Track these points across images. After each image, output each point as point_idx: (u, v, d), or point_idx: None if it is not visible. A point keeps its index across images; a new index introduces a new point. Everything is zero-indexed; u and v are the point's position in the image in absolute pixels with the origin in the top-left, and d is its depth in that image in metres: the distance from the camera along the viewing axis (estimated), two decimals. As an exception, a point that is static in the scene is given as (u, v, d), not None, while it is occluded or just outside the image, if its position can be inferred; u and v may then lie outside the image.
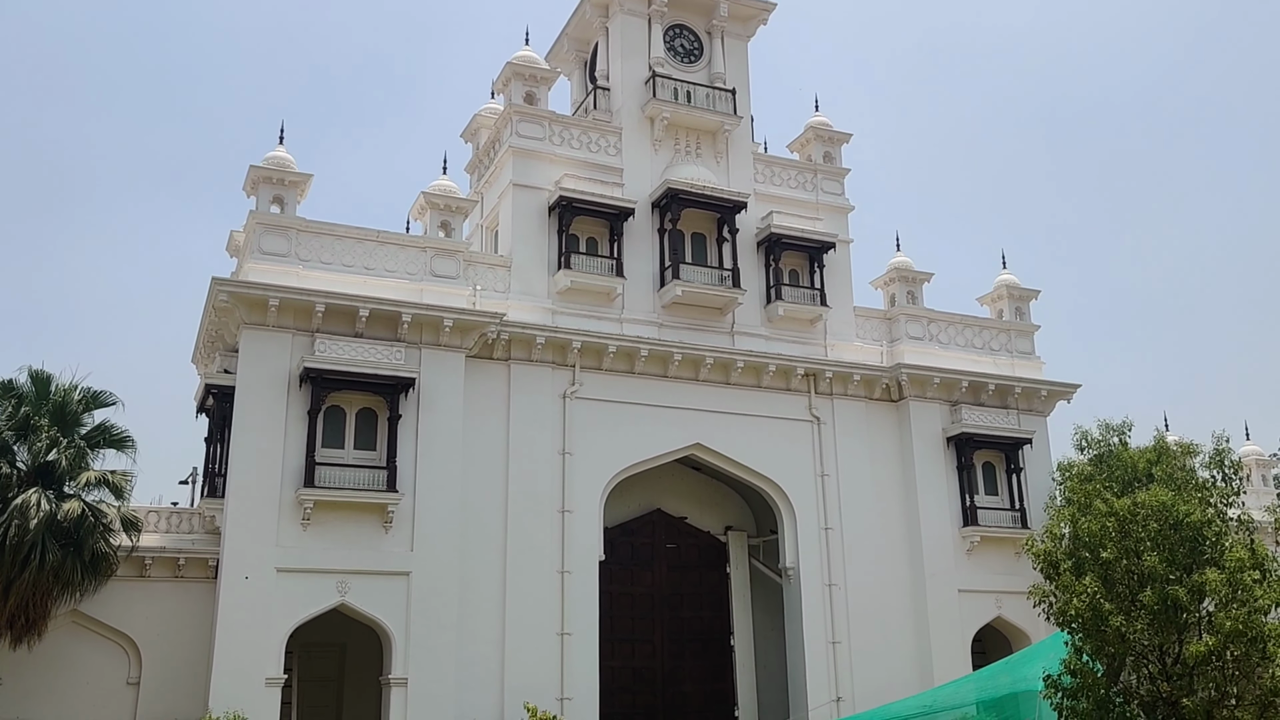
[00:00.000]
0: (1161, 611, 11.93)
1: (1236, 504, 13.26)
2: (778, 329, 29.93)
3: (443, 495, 24.67)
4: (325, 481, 23.67)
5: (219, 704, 21.30)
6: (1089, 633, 12.33)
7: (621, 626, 28.31)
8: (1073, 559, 12.79)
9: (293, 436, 23.79)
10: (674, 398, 28.15)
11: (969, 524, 29.74)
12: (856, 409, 30.25)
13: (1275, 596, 12.20)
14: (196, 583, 23.89)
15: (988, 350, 32.33)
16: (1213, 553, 12.25)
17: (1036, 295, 33.84)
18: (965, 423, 30.25)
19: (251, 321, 24.19)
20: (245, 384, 23.94)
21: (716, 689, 29.37)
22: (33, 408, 22.86)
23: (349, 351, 24.44)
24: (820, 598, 28.20)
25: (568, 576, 25.81)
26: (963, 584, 29.33)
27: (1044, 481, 30.79)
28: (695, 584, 30.13)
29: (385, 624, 23.65)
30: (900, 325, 31.52)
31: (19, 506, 21.14)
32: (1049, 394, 31.91)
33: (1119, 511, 12.49)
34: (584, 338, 27.15)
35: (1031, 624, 28.42)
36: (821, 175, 32.18)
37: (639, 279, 28.78)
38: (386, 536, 24.03)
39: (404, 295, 25.61)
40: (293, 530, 23.33)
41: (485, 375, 26.37)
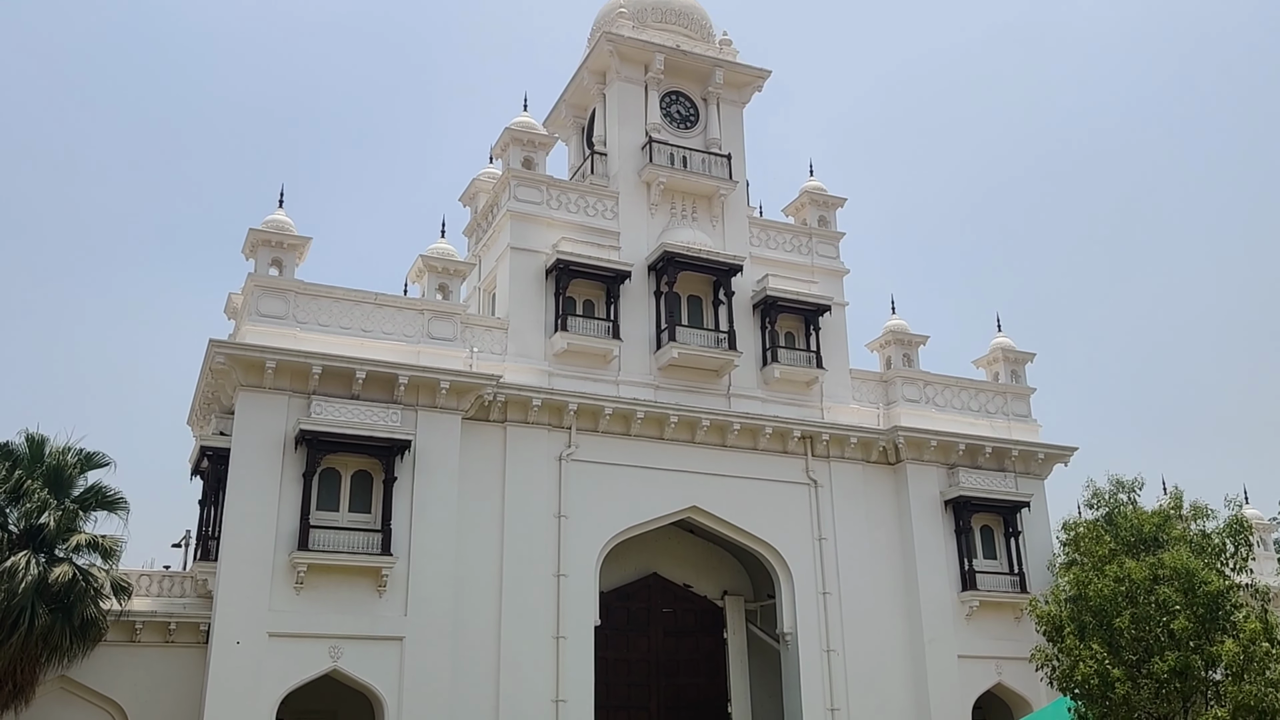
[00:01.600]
0: (1170, 680, 11.77)
1: (1247, 571, 13.16)
2: (774, 391, 29.96)
3: (437, 559, 24.45)
4: (319, 545, 23.46)
5: (207, 774, 20.86)
6: (1094, 699, 12.15)
7: (617, 693, 27.88)
8: (1076, 622, 12.65)
9: (287, 499, 23.64)
10: (670, 460, 28.07)
11: (968, 588, 29.50)
12: (853, 472, 30.16)
13: (1287, 668, 12.07)
14: (187, 648, 23.54)
15: (984, 413, 32.36)
16: (1226, 622, 12.12)
17: (1032, 358, 33.98)
18: (963, 486, 30.17)
19: (248, 383, 24.17)
20: (241, 446, 23.84)
21: (714, 758, 28.84)
22: (26, 470, 22.70)
23: (345, 413, 24.39)
24: (818, 664, 27.85)
25: (563, 642, 25.49)
26: (962, 649, 28.99)
27: (1042, 545, 30.62)
28: (691, 650, 29.76)
29: (378, 690, 23.27)
30: (896, 388, 31.58)
31: (8, 570, 20.89)
32: (1046, 457, 31.88)
33: (1133, 576, 12.37)
34: (580, 399, 27.15)
35: (1032, 690, 28.06)
36: (816, 239, 32.48)
37: (635, 341, 28.87)
38: (380, 601, 23.76)
39: (401, 357, 25.65)
40: (286, 594, 23.07)
41: (481, 437, 26.30)
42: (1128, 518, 13.29)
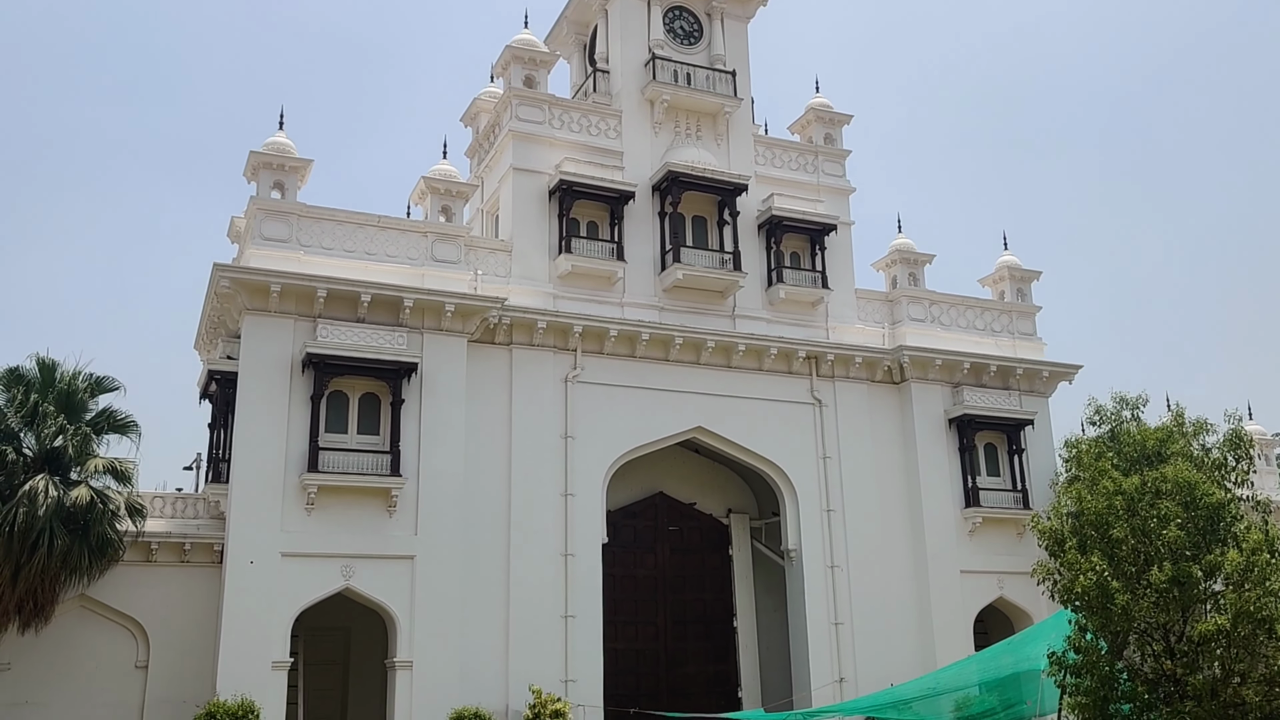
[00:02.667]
0: (1169, 590, 11.97)
1: (1248, 484, 13.31)
2: (779, 312, 29.94)
3: (446, 480, 24.73)
4: (329, 466, 23.73)
5: (226, 687, 21.43)
6: (1094, 610, 12.38)
7: (625, 609, 28.42)
8: (1078, 536, 12.85)
9: (296, 422, 23.84)
10: (675, 381, 28.19)
11: (971, 505, 29.85)
12: (858, 391, 30.30)
13: (1287, 577, 12.29)
14: (202, 567, 23.97)
15: (989, 332, 32.37)
16: (1227, 534, 12.29)
17: (1038, 276, 33.87)
18: (967, 404, 30.32)
19: (253, 307, 24.19)
20: (248, 370, 23.96)
21: (719, 670, 29.53)
22: (39, 395, 22.87)
23: (351, 337, 24.46)
24: (822, 579, 28.31)
25: (571, 560, 25.91)
26: (965, 565, 29.45)
27: (1046, 462, 30.90)
28: (698, 566, 30.25)
29: (390, 608, 23.75)
30: (902, 307, 31.54)
31: (27, 493, 21.19)
32: (1050, 375, 31.98)
33: (1127, 490, 12.51)
34: (585, 322, 27.17)
35: (1033, 604, 28.59)
36: (822, 157, 32.14)
37: (640, 263, 28.77)
38: (390, 521, 24.10)
39: (405, 280, 25.61)
40: (297, 515, 23.40)
41: (487, 360, 26.40)
42: (1131, 435, 13.38)
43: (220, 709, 20.59)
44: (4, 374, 23.00)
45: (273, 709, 21.89)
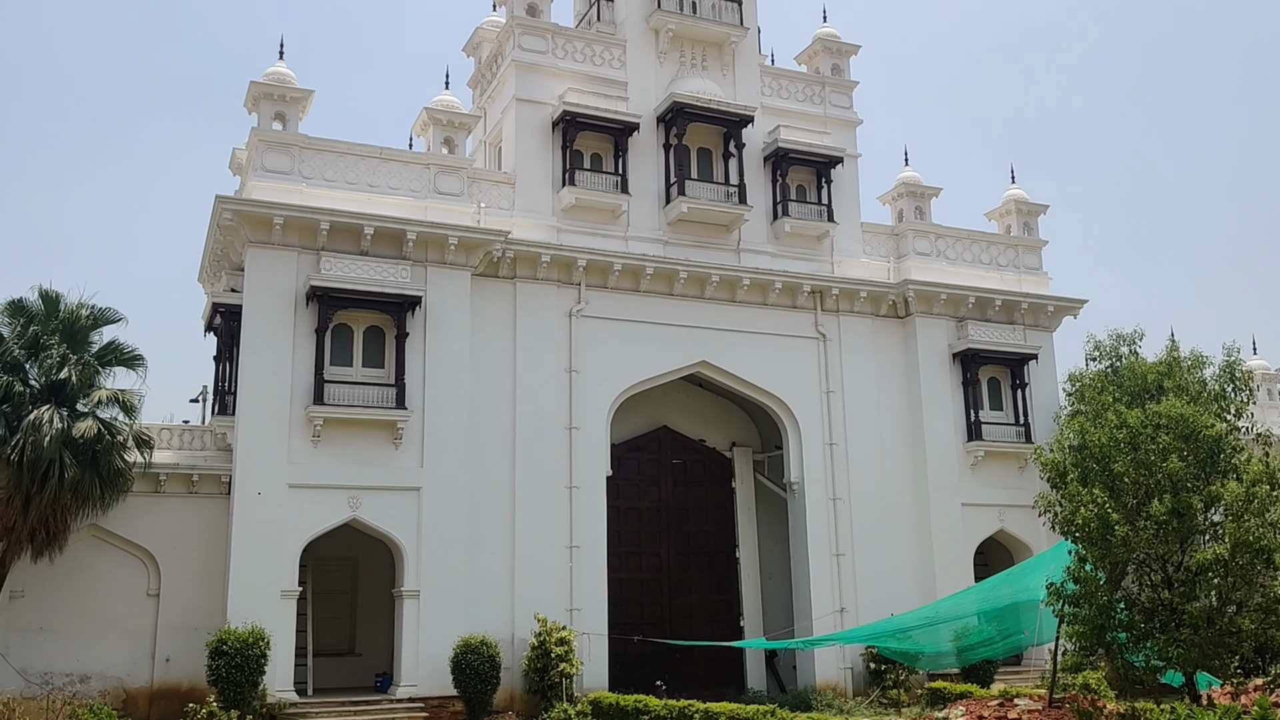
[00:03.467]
0: (1169, 521, 12.08)
1: (1247, 416, 13.36)
2: (784, 246, 29.80)
3: (451, 412, 24.87)
4: (334, 399, 23.86)
5: (237, 615, 21.79)
6: (1094, 542, 12.51)
7: (629, 540, 28.77)
8: (1079, 469, 12.93)
9: (301, 354, 23.92)
10: (679, 316, 28.18)
11: (973, 439, 30.01)
12: (863, 326, 30.28)
13: (1286, 508, 12.40)
14: (210, 498, 24.23)
15: (995, 266, 32.24)
16: (1227, 465, 12.37)
17: (1045, 210, 33.63)
18: (971, 339, 30.31)
19: (256, 240, 24.12)
20: (252, 302, 23.97)
21: (722, 600, 29.96)
22: (42, 326, 22.91)
23: (355, 270, 24.42)
24: (824, 512, 28.58)
25: (576, 492, 26.15)
26: (966, 498, 29.70)
27: (1049, 397, 30.99)
28: (701, 499, 30.53)
29: (397, 538, 24.05)
30: (908, 241, 31.38)
31: (33, 423, 21.33)
32: (1055, 309, 31.92)
33: (1131, 424, 12.56)
34: (589, 255, 27.08)
35: (1033, 536, 28.90)
36: (830, 88, 31.72)
37: (644, 196, 28.58)
38: (396, 453, 24.29)
39: (408, 213, 25.49)
40: (303, 447, 23.59)
41: (491, 293, 26.37)
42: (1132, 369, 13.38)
43: (231, 636, 20.96)
44: (7, 305, 23.01)
45: (282, 636, 22.30)
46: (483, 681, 22.70)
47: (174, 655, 23.09)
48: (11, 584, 22.21)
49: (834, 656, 27.44)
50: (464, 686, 22.76)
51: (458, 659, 22.80)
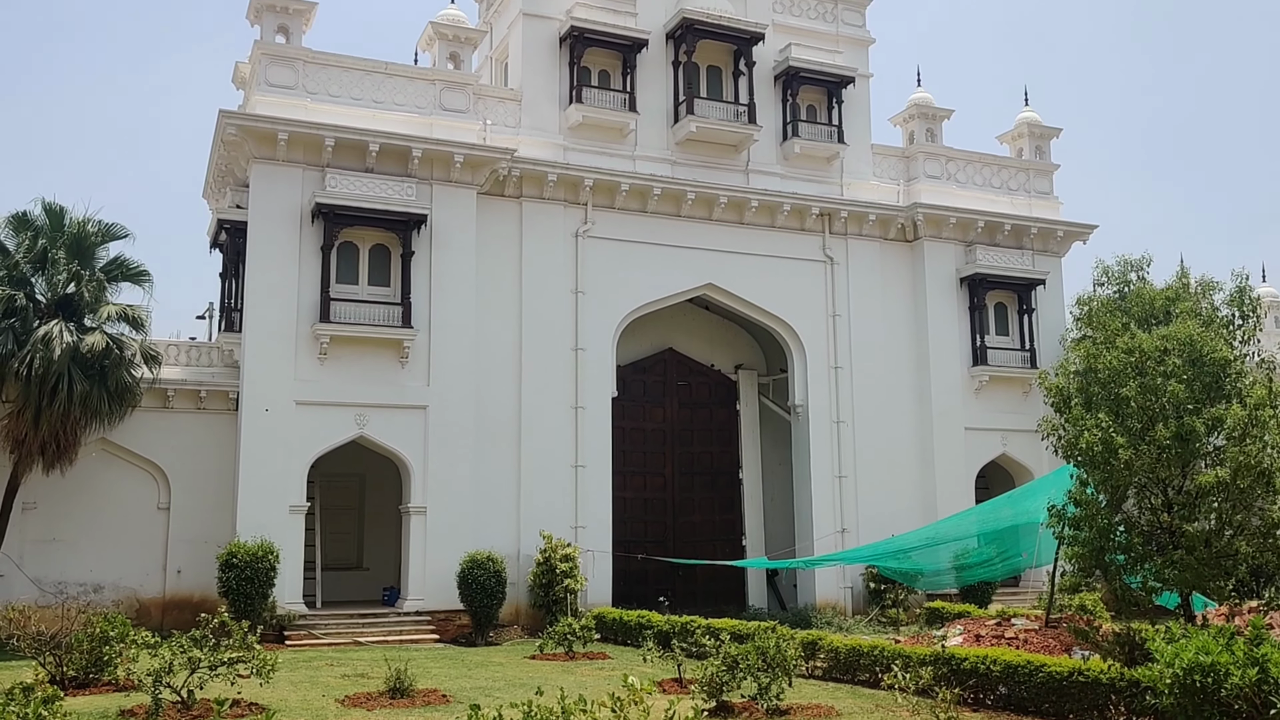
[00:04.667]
0: (1172, 445, 12.13)
1: (1254, 342, 13.33)
2: (793, 167, 29.49)
3: (457, 331, 24.91)
4: (341, 317, 23.89)
5: (246, 529, 22.13)
6: (1096, 465, 12.59)
7: (633, 460, 29.02)
8: (1084, 394, 12.96)
9: (307, 272, 23.88)
10: (687, 237, 28.02)
11: (978, 364, 30.04)
12: (871, 249, 30.11)
13: (1287, 431, 12.44)
14: (218, 414, 24.42)
15: (1005, 190, 31.92)
16: (1232, 389, 12.37)
17: (1058, 134, 33.16)
18: (979, 263, 30.15)
19: (261, 156, 23.91)
20: (257, 219, 23.87)
21: (725, 519, 30.33)
22: (49, 241, 22.83)
23: (360, 187, 24.26)
24: (828, 434, 28.76)
25: (581, 412, 26.30)
26: (969, 422, 29.84)
27: (1055, 322, 30.93)
28: (706, 420, 30.72)
29: (404, 456, 24.27)
30: (918, 164, 31.03)
31: (42, 338, 21.39)
32: (1065, 234, 31.67)
33: (1144, 348, 12.54)
34: (596, 175, 26.83)
35: (1035, 460, 29.12)
36: (842, 6, 31.06)
37: (652, 114, 28.20)
38: (403, 371, 24.39)
39: (414, 130, 25.22)
40: (310, 364, 23.69)
41: (497, 212, 26.21)
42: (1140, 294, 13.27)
43: (241, 550, 21.30)
44: (12, 218, 22.89)
45: (291, 550, 22.66)
46: (488, 596, 23.11)
47: (185, 567, 23.54)
48: (24, 496, 22.53)
49: (834, 576, 27.86)
50: (470, 601, 23.18)
51: (464, 574, 23.18)
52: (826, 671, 16.87)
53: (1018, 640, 17.22)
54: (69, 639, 15.14)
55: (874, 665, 15.70)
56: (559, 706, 8.85)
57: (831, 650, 16.80)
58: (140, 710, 12.96)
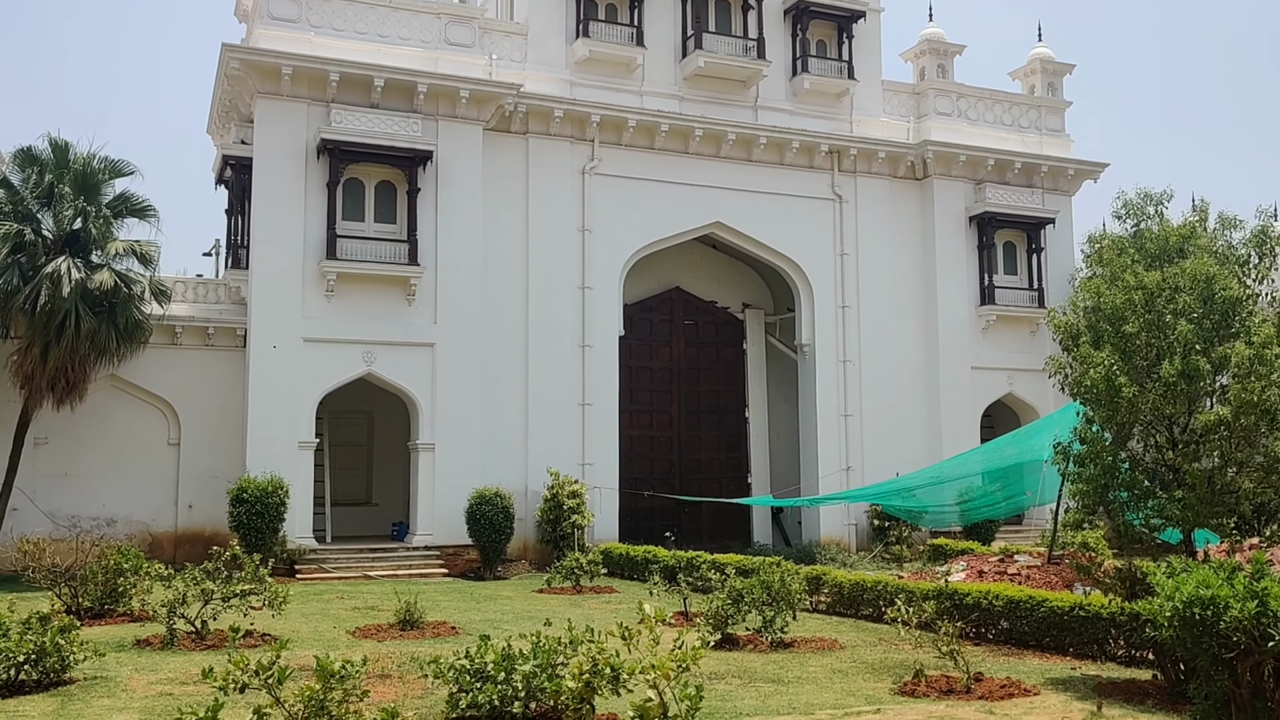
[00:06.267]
0: (1178, 383, 12.11)
1: (1269, 280, 13.24)
2: (803, 103, 29.15)
3: (464, 269, 24.87)
4: (347, 254, 23.85)
5: (256, 465, 22.33)
6: (1102, 403, 12.60)
7: (640, 398, 29.14)
8: (1093, 331, 12.92)
9: (313, 209, 23.80)
10: (694, 175, 27.81)
11: (986, 303, 29.96)
12: (880, 187, 29.88)
13: (1294, 371, 12.40)
14: (227, 351, 24.51)
15: (1016, 127, 31.55)
16: (1240, 328, 12.31)
17: (1071, 70, 32.69)
18: (989, 202, 29.93)
19: (265, 91, 23.69)
20: (263, 155, 23.72)
21: (731, 457, 30.53)
22: (55, 176, 22.72)
23: (366, 123, 24.07)
24: (834, 373, 28.80)
25: (588, 350, 26.35)
26: (976, 361, 29.85)
27: (1065, 261, 30.79)
28: (712, 359, 30.77)
29: (412, 393, 24.39)
30: (929, 100, 30.65)
31: (50, 275, 21.39)
32: (1076, 173, 31.37)
33: (1148, 285, 12.45)
34: (603, 110, 26.56)
35: (1041, 399, 29.18)
36: (854, -63, 30.41)
37: (660, 49, 27.83)
38: (410, 309, 24.41)
39: (419, 64, 24.94)
40: (317, 301, 23.71)
41: (503, 149, 26.01)
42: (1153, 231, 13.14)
43: (251, 485, 21.52)
44: (17, 154, 22.76)
45: (300, 486, 22.88)
46: (497, 531, 23.37)
47: (195, 502, 23.80)
48: (35, 431, 22.71)
49: (838, 513, 28.10)
50: (479, 536, 23.45)
51: (472, 510, 23.42)
52: (830, 606, 17.10)
53: (1020, 576, 17.43)
54: (83, 571, 15.39)
55: (877, 600, 15.91)
56: (567, 636, 9.02)
57: (835, 585, 17.01)
58: (155, 640, 13.22)
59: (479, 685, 8.82)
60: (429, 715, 9.36)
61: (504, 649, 9.07)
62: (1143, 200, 13.95)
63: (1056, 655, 12.97)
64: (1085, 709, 9.86)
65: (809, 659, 12.73)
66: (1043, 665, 12.37)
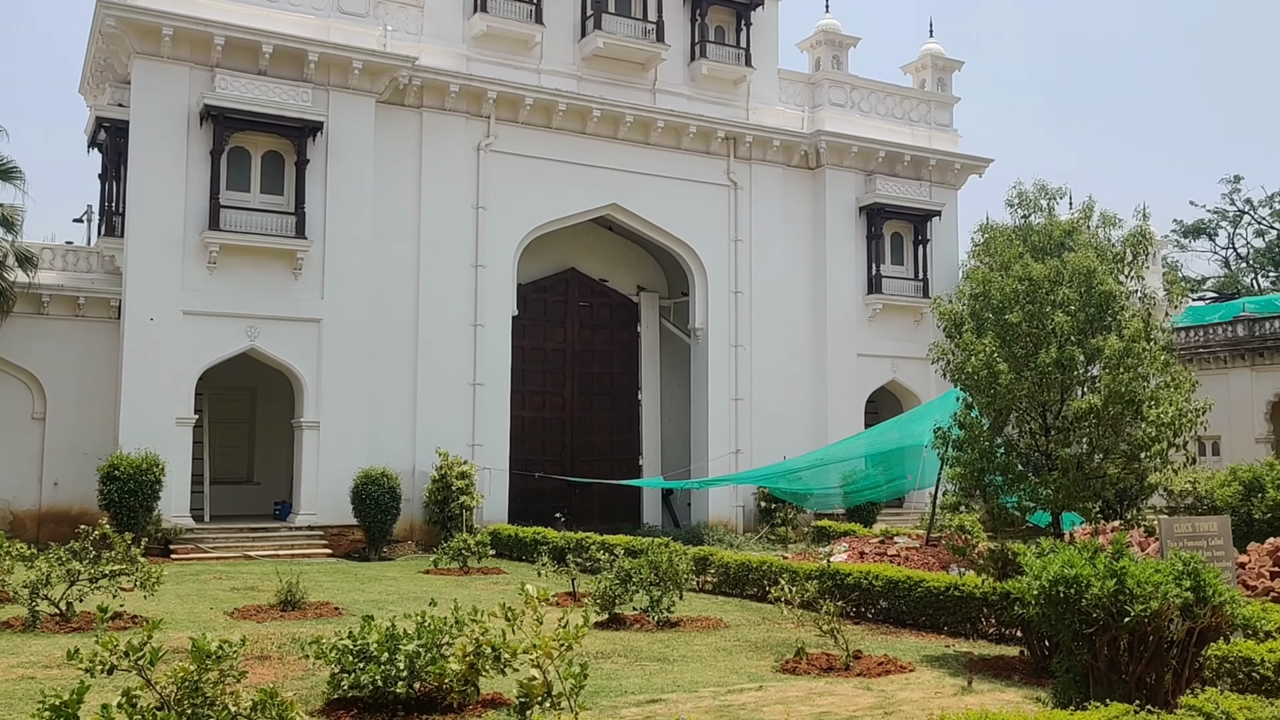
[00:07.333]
0: (1053, 371, 12.60)
1: (1138, 278, 13.86)
2: (700, 89, 29.31)
3: (353, 244, 24.31)
4: (231, 225, 23.05)
5: (129, 441, 21.45)
6: (981, 389, 13.02)
7: (533, 379, 28.99)
8: (976, 320, 13.33)
9: (195, 177, 22.91)
10: (592, 156, 27.71)
11: (873, 291, 30.69)
12: (774, 175, 30.27)
13: (1157, 364, 13.00)
14: (99, 322, 23.48)
15: (907, 121, 32.33)
16: (1114, 322, 12.87)
17: (960, 66, 33.62)
18: (879, 193, 30.62)
19: (144, 51, 22.68)
20: (140, 119, 22.71)
21: (623, 439, 30.64)
22: (-91, 131, 21.38)
23: (253, 90, 23.26)
24: (726, 357, 29.14)
25: (480, 330, 26.07)
26: (862, 348, 30.56)
27: (949, 253, 31.74)
28: (606, 341, 30.79)
29: (296, 369, 23.76)
30: (823, 91, 31.15)
31: (-97, 237, 20.15)
32: (962, 167, 32.33)
33: (1035, 276, 12.91)
34: (500, 87, 26.23)
35: (923, 386, 30.07)
36: (753, -75, 30.64)
37: (559, 28, 27.61)
38: (296, 283, 23.75)
39: (310, 32, 24.21)
40: (198, 273, 22.87)
41: (397, 123, 25.48)
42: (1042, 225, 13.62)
43: (124, 462, 20.67)
44: None
45: (178, 463, 22.09)
46: (383, 512, 22.98)
47: (62, 479, 22.79)
48: (-113, 403, 21.41)
49: (727, 495, 28.49)
50: (364, 516, 23.03)
51: (358, 489, 22.98)
52: (717, 586, 17.32)
53: (899, 557, 17.96)
54: (-63, 550, 14.56)
55: (762, 580, 16.17)
56: (453, 617, 8.91)
57: (722, 565, 17.24)
58: (16, 622, 12.62)
59: (362, 666, 8.66)
60: (310, 697, 9.15)
61: (388, 629, 8.92)
62: (1038, 193, 14.41)
63: (932, 633, 13.39)
64: (957, 684, 10.21)
65: (694, 638, 12.87)
66: (919, 643, 12.76)
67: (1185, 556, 8.32)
